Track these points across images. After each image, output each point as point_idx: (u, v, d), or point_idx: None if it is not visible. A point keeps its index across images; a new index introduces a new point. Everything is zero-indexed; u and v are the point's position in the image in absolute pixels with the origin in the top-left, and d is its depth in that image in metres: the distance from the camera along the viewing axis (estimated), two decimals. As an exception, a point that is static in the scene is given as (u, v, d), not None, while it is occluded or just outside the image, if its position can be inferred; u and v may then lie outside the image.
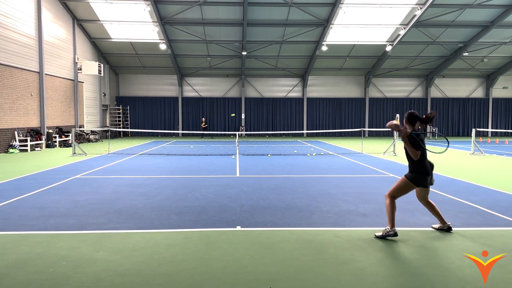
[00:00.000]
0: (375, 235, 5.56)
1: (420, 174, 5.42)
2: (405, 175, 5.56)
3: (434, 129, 31.98)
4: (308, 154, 17.36)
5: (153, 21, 25.45)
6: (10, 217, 6.61)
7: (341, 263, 4.62)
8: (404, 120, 5.63)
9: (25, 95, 19.38)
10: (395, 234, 5.42)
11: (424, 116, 5.46)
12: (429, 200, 5.77)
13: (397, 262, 4.66)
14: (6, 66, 17.91)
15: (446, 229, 5.81)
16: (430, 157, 5.74)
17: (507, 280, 4.18)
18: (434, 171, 12.15)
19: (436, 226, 5.92)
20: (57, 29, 22.86)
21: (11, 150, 17.95)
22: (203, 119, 31.29)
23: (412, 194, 8.52)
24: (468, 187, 9.50)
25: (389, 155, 17.14)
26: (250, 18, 25.15)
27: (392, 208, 5.51)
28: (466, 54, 29.21)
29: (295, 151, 18.88)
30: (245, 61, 30.24)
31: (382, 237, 5.45)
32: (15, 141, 18.45)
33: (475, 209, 7.19)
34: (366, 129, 30.80)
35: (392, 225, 5.46)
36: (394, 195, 5.56)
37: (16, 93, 18.65)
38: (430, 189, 9.11)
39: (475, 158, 16.08)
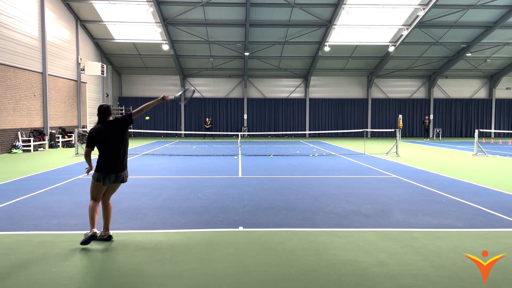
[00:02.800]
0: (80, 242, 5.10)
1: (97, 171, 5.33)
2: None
3: (438, 130, 31.90)
4: (311, 155, 17.35)
5: (155, 22, 25.50)
6: (13, 217, 6.63)
7: (343, 264, 4.61)
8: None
9: (28, 96, 19.45)
10: (94, 237, 5.12)
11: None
12: (108, 202, 5.50)
13: (399, 263, 4.66)
14: (10, 66, 17.98)
15: (106, 237, 5.36)
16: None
17: (507, 281, 4.16)
18: (437, 172, 12.12)
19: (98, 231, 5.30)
20: (60, 30, 22.94)
21: (14, 151, 18.01)
22: (207, 119, 31.26)
23: (413, 195, 8.54)
24: (471, 188, 9.48)
25: (391, 156, 17.11)
26: (253, 19, 25.16)
27: (92, 210, 5.27)
28: (469, 54, 29.13)
29: (298, 152, 18.87)
30: (247, 62, 30.25)
31: (85, 242, 5.05)
32: (18, 141, 18.51)
33: (478, 210, 7.17)
34: (369, 129, 30.74)
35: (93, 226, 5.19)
36: (92, 197, 5.35)
37: (19, 94, 18.72)
38: (431, 189, 9.16)
39: (478, 159, 16.04)
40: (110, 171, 5.26)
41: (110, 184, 5.30)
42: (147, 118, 31.12)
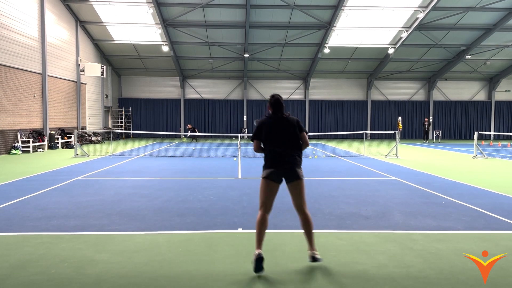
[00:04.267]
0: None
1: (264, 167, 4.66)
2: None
3: (437, 132, 31.92)
4: (310, 157, 17.34)
5: (155, 23, 25.52)
6: (12, 218, 6.62)
7: (343, 266, 4.61)
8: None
9: (28, 97, 19.44)
10: (259, 259, 4.30)
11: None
12: (303, 210, 4.74)
13: (399, 265, 4.65)
14: (9, 67, 17.97)
15: (311, 259, 4.58)
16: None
17: (507, 281, 4.16)
18: (437, 174, 12.12)
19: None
20: (60, 31, 22.95)
21: (13, 151, 17.99)
22: (189, 125, 30.48)
23: (412, 197, 8.53)
24: (470, 190, 9.47)
25: (391, 157, 17.11)
26: (253, 21, 25.19)
27: (259, 223, 4.56)
28: (469, 57, 29.17)
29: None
30: (247, 63, 30.28)
31: (256, 269, 4.30)
32: (18, 142, 18.49)
33: (478, 212, 7.17)
34: (368, 131, 30.74)
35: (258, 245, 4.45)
36: (260, 203, 4.70)
37: (19, 95, 18.71)
38: (431, 191, 9.16)
39: (478, 161, 16.04)
40: None
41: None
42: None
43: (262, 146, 4.71)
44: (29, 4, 19.55)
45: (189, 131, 29.26)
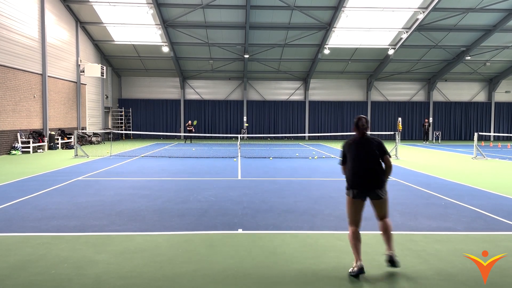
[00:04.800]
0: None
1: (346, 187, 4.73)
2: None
3: (437, 133, 31.91)
4: (310, 157, 17.34)
5: (156, 24, 25.53)
6: (12, 219, 6.62)
7: (343, 267, 4.61)
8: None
9: (27, 97, 19.45)
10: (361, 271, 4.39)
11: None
12: (384, 220, 4.73)
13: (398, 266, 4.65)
14: (9, 68, 17.98)
15: (389, 260, 4.52)
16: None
17: (507, 282, 4.16)
18: (436, 175, 12.11)
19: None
20: (60, 32, 22.96)
21: (13, 152, 17.99)
22: (189, 121, 29.93)
23: (412, 197, 8.52)
24: (470, 191, 9.48)
25: (391, 158, 17.09)
26: (253, 21, 25.21)
27: (353, 238, 4.61)
28: (469, 58, 29.18)
29: (297, 154, 18.86)
30: (247, 64, 30.28)
31: (355, 275, 4.38)
32: (18, 142, 18.49)
33: (478, 213, 7.17)
34: (368, 132, 30.53)
35: (357, 257, 4.50)
36: (349, 220, 4.74)
37: (19, 95, 18.71)
38: (431, 192, 9.15)
39: (478, 162, 16.04)
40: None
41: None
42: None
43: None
44: (29, 4, 19.56)
45: (188, 130, 28.73)
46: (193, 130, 28.98)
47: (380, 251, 5.10)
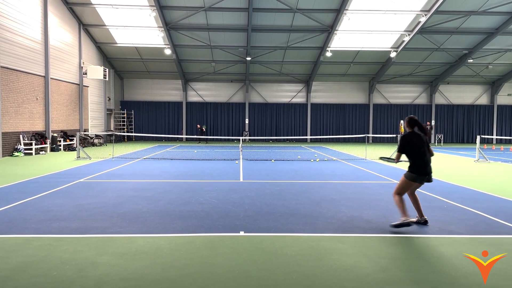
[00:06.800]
0: (390, 224, 6.27)
1: (412, 172, 6.30)
2: (404, 174, 6.45)
3: (439, 136, 31.85)
4: (312, 160, 17.33)
5: (158, 26, 25.60)
6: (14, 221, 6.63)
7: (345, 270, 4.59)
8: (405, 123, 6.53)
9: (30, 99, 19.51)
10: (409, 224, 6.07)
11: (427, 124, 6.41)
12: (415, 194, 6.55)
13: (401, 269, 4.63)
14: (12, 70, 18.04)
15: (423, 222, 6.45)
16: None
17: (507, 281, 4.14)
18: (439, 178, 12.10)
19: (414, 219, 6.36)
20: (63, 34, 23.04)
21: (16, 154, 18.03)
22: (199, 126, 30.79)
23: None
24: (473, 194, 9.45)
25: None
26: (255, 24, 25.25)
27: (401, 202, 6.22)
28: (471, 61, 29.14)
29: (299, 157, 18.85)
30: (249, 67, 30.32)
31: (398, 226, 6.12)
32: (20, 144, 18.53)
33: (480, 217, 7.14)
34: (370, 135, 30.70)
35: (405, 215, 6.11)
36: (399, 192, 6.33)
37: (21, 97, 18.77)
38: (433, 195, 9.13)
39: (480, 165, 16.00)
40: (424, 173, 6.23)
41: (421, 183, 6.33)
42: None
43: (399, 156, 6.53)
44: (33, 7, 19.64)
45: (200, 132, 29.74)
46: (204, 130, 29.55)
47: (382, 254, 5.08)
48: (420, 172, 6.18)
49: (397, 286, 4.17)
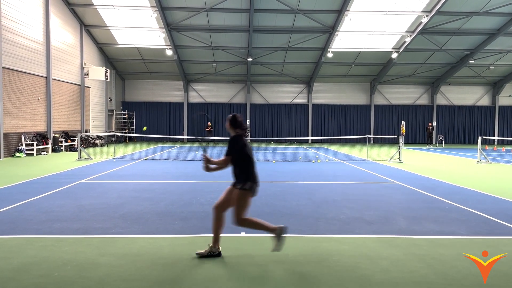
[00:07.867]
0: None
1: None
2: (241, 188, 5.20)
3: (441, 137, 31.82)
4: (313, 161, 17.32)
5: (159, 27, 25.63)
6: (16, 221, 6.64)
7: (346, 271, 4.59)
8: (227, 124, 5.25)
9: (32, 100, 19.54)
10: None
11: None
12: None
13: (402, 270, 4.63)
14: (14, 70, 18.08)
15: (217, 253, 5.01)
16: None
17: (507, 281, 4.14)
18: (440, 179, 12.09)
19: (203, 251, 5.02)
20: (65, 35, 23.08)
21: (17, 154, 18.06)
22: (209, 122, 31.20)
23: (416, 201, 8.50)
24: (474, 195, 9.44)
25: (394, 162, 17.06)
26: (256, 25, 25.26)
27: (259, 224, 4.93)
28: (473, 61, 29.11)
29: (300, 158, 18.85)
30: (250, 67, 30.33)
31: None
32: (22, 145, 18.56)
33: (481, 218, 7.13)
34: (372, 136, 30.67)
35: (270, 228, 4.94)
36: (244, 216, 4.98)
37: (23, 98, 18.81)
38: (434, 196, 9.12)
39: (481, 166, 15.98)
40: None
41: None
42: (145, 128, 30.72)
43: None
44: (34, 8, 19.68)
45: (207, 131, 29.97)
46: (211, 130, 29.75)
47: (383, 255, 5.08)
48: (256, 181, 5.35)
49: (398, 287, 4.17)
